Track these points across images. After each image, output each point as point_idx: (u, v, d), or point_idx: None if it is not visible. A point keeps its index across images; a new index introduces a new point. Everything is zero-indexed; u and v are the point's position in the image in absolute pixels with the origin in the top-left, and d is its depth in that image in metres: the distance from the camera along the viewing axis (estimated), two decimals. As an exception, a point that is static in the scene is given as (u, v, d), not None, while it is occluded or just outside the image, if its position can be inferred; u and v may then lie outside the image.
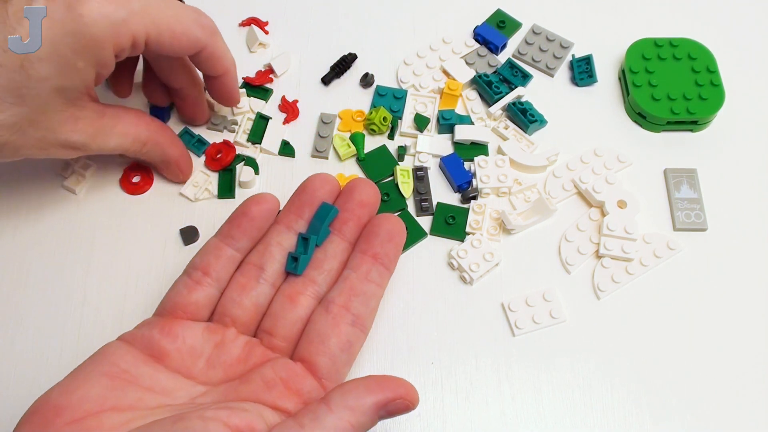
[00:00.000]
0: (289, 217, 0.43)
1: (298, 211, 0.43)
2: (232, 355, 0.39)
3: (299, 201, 0.43)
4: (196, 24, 0.43)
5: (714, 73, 0.52)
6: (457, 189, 0.50)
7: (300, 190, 0.43)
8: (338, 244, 0.42)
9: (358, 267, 0.41)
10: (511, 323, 0.46)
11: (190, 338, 0.38)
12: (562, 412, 0.43)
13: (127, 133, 0.45)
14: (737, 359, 0.45)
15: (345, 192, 0.43)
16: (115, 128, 0.44)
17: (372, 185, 0.43)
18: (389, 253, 0.41)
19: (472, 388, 0.44)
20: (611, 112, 0.53)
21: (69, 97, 0.40)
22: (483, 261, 0.47)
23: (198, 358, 0.38)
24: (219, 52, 0.45)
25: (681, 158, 0.51)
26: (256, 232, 0.42)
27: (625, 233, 0.47)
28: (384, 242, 0.41)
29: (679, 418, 0.43)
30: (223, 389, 0.37)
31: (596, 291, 0.47)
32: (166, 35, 0.41)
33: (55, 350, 0.45)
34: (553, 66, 0.55)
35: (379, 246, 0.41)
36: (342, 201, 0.43)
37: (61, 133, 0.41)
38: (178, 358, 0.38)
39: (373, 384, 0.34)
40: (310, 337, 0.39)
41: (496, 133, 0.52)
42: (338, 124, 0.53)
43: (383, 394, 0.33)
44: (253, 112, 0.53)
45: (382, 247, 0.41)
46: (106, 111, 0.44)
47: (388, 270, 0.41)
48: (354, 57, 0.55)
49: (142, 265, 0.48)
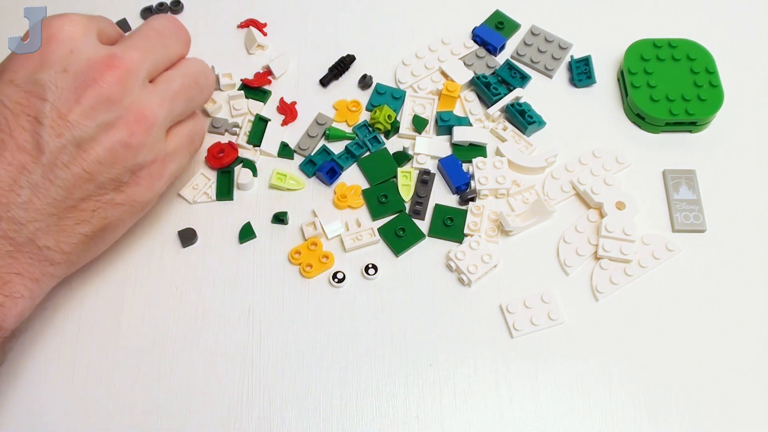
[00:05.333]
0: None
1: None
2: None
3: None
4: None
5: (713, 73, 0.52)
6: (455, 190, 0.50)
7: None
8: None
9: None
10: (509, 325, 0.46)
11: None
12: (561, 413, 0.43)
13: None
14: (736, 360, 0.45)
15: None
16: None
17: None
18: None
19: (471, 390, 0.44)
20: (610, 113, 0.53)
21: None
22: (481, 262, 0.47)
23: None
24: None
25: (680, 159, 0.51)
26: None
27: (624, 235, 0.47)
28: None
29: (678, 419, 0.43)
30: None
31: (595, 292, 0.47)
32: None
33: (55, 350, 0.45)
34: (551, 67, 0.54)
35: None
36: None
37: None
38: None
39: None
40: None
41: (495, 135, 0.52)
42: (334, 116, 0.53)
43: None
44: (252, 114, 0.53)
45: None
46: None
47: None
48: (352, 58, 0.55)
49: (140, 266, 0.48)
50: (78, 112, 0.38)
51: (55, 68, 0.39)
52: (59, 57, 0.39)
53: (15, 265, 0.38)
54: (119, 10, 0.58)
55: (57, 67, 0.39)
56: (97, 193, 0.40)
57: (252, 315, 0.46)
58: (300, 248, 0.48)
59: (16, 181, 0.38)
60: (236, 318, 0.46)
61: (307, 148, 0.51)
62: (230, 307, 0.47)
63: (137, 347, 0.45)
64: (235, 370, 0.45)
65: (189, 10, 0.58)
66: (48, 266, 0.40)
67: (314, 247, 0.48)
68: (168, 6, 0.58)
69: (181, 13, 0.58)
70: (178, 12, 0.58)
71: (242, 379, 0.44)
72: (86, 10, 0.58)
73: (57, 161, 0.38)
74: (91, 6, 0.58)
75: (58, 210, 0.39)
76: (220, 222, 0.49)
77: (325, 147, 0.51)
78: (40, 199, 0.38)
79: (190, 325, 0.46)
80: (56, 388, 0.44)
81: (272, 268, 0.48)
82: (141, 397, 0.44)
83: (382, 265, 0.48)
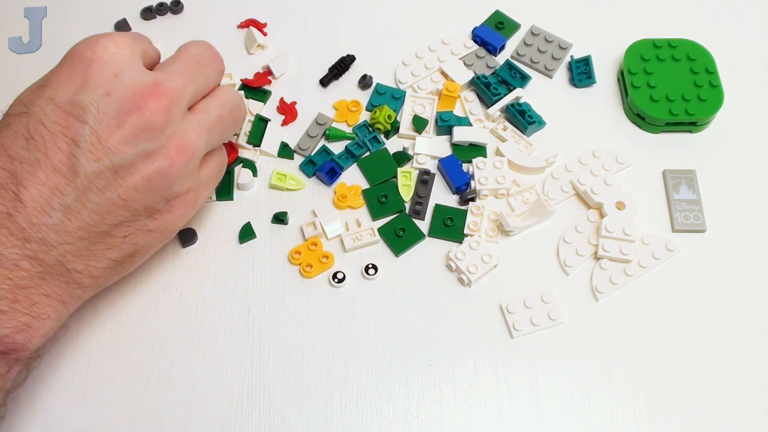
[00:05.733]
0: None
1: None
2: None
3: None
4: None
5: (713, 73, 0.52)
6: (455, 190, 0.50)
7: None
8: None
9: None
10: (509, 325, 0.46)
11: None
12: (561, 413, 0.43)
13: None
14: (736, 360, 0.45)
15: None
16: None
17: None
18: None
19: (471, 390, 0.44)
20: (610, 113, 0.53)
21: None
22: (481, 263, 0.47)
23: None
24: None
25: (680, 159, 0.51)
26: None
27: (624, 235, 0.47)
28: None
29: (678, 419, 0.43)
30: None
31: (595, 292, 0.47)
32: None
33: (54, 351, 0.45)
34: (551, 67, 0.54)
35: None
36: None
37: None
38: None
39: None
40: None
41: (495, 135, 0.52)
42: (334, 116, 0.53)
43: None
44: (252, 114, 0.53)
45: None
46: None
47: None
48: (352, 58, 0.55)
49: (140, 266, 0.48)
50: (118, 138, 0.37)
51: (98, 91, 0.38)
52: (103, 80, 0.38)
53: (44, 286, 0.38)
54: (119, 10, 0.58)
55: (100, 90, 0.38)
56: (130, 219, 0.39)
57: (252, 315, 0.46)
58: (300, 248, 0.48)
59: (49, 202, 0.37)
60: (236, 318, 0.46)
61: (307, 148, 0.51)
62: (230, 307, 0.47)
63: (137, 347, 0.45)
64: (235, 369, 0.45)
65: (189, 10, 0.58)
66: (76, 289, 0.39)
67: (314, 247, 0.48)
68: (168, 6, 0.58)
69: (181, 13, 0.58)
70: (178, 12, 0.58)
71: (242, 379, 0.44)
72: (86, 9, 0.58)
73: (92, 185, 0.37)
74: (91, 6, 0.58)
75: (89, 234, 0.38)
76: (220, 222, 0.49)
77: (325, 147, 0.51)
78: (72, 222, 0.37)
79: (190, 325, 0.46)
80: (56, 388, 0.44)
81: (272, 268, 0.48)
82: (141, 397, 0.44)
83: (382, 265, 0.48)
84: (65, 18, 0.58)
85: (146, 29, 0.57)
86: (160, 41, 0.57)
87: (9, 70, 0.55)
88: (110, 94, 0.38)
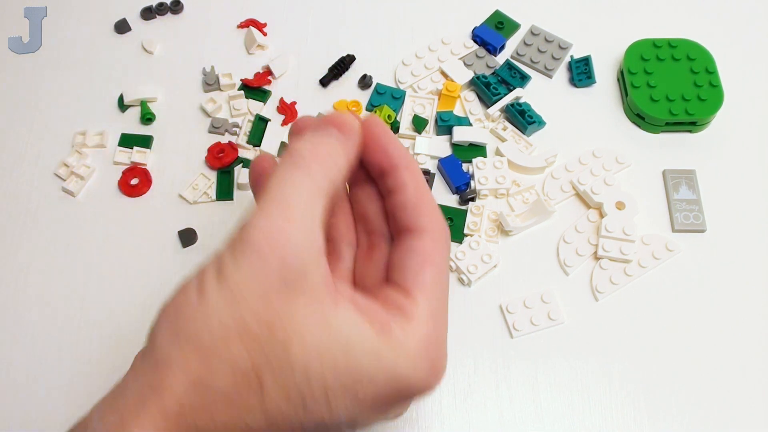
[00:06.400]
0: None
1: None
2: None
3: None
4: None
5: (713, 73, 0.52)
6: (455, 190, 0.50)
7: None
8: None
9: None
10: (509, 325, 0.46)
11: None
12: (561, 413, 0.43)
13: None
14: (736, 360, 0.45)
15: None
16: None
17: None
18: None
19: (470, 390, 0.44)
20: (610, 113, 0.53)
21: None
22: (481, 262, 0.47)
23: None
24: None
25: (680, 159, 0.51)
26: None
27: (624, 235, 0.47)
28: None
29: (678, 419, 0.43)
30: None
31: (594, 292, 0.47)
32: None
33: (55, 351, 0.45)
34: (551, 67, 0.54)
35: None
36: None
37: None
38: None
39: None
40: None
41: (495, 135, 0.52)
42: None
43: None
44: (252, 114, 0.53)
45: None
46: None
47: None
48: (352, 58, 0.55)
49: (141, 266, 0.48)
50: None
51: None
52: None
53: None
54: (119, 10, 0.58)
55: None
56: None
57: (252, 315, 0.46)
58: (300, 248, 0.48)
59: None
60: (236, 318, 0.46)
61: (307, 148, 0.51)
62: (230, 307, 0.46)
63: (138, 347, 0.45)
64: (235, 370, 0.45)
65: (189, 10, 0.58)
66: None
67: (314, 247, 0.48)
68: (168, 6, 0.58)
69: (181, 12, 0.58)
70: (178, 12, 0.58)
71: (242, 379, 0.44)
72: (86, 9, 0.58)
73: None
74: (91, 5, 0.58)
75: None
76: (220, 222, 0.49)
77: (325, 147, 0.51)
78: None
79: (190, 325, 0.46)
80: (56, 388, 0.44)
81: (272, 268, 0.48)
82: (141, 397, 0.44)
83: (382, 265, 0.47)
84: (65, 18, 0.58)
85: (146, 29, 0.57)
86: (160, 41, 0.57)
87: (9, 70, 0.55)
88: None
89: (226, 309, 0.26)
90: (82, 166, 0.51)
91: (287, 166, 0.29)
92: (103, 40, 0.57)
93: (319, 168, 0.29)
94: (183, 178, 0.51)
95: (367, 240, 0.33)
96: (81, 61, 0.56)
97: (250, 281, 0.26)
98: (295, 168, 0.29)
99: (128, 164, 0.51)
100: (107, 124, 0.53)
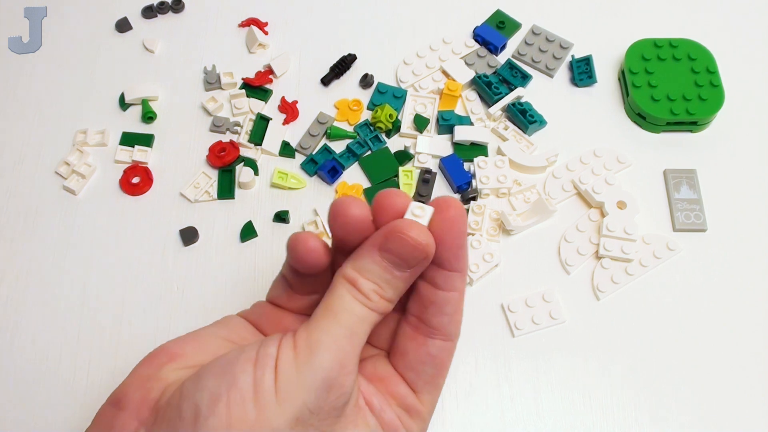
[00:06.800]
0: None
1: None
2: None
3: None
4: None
5: (714, 73, 0.52)
6: (456, 190, 0.50)
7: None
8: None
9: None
10: (510, 324, 0.46)
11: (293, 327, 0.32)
12: (562, 412, 0.43)
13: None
14: (737, 360, 0.45)
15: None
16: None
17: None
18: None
19: (472, 389, 0.44)
20: (611, 112, 0.53)
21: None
22: (482, 262, 0.47)
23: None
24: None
25: (680, 159, 0.51)
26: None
27: (625, 234, 0.47)
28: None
29: (678, 419, 0.43)
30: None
31: (596, 292, 0.47)
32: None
33: (55, 350, 0.45)
34: (552, 66, 0.54)
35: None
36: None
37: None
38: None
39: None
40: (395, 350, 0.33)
41: (496, 134, 0.52)
42: (335, 115, 0.53)
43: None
44: (253, 113, 0.53)
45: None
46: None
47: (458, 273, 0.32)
48: (353, 58, 0.55)
49: (142, 265, 0.48)
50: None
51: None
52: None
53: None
54: (120, 9, 0.58)
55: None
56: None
57: (253, 314, 0.46)
58: (301, 247, 0.48)
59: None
60: (237, 317, 0.46)
61: (309, 147, 0.51)
62: (231, 305, 0.47)
63: (139, 346, 0.45)
64: (237, 368, 0.45)
65: (190, 9, 0.58)
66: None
67: (315, 246, 0.48)
68: (169, 5, 0.58)
69: (182, 11, 0.58)
70: (179, 11, 0.58)
71: (244, 377, 0.44)
72: (86, 9, 0.58)
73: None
74: (91, 5, 0.58)
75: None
76: (222, 221, 0.49)
77: (326, 146, 0.51)
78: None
79: (191, 323, 0.46)
80: (57, 388, 0.44)
81: (273, 267, 0.48)
82: (142, 395, 0.44)
83: (384, 264, 0.47)
84: (65, 18, 0.58)
85: (147, 28, 0.57)
86: (161, 40, 0.57)
87: (9, 70, 0.55)
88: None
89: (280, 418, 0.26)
90: (84, 164, 0.51)
91: (351, 296, 0.29)
92: (104, 39, 0.57)
93: (380, 305, 0.29)
94: (184, 176, 0.51)
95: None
96: (82, 60, 0.56)
97: (308, 396, 0.26)
98: (359, 305, 0.29)
99: (129, 163, 0.51)
100: (108, 122, 0.53)
